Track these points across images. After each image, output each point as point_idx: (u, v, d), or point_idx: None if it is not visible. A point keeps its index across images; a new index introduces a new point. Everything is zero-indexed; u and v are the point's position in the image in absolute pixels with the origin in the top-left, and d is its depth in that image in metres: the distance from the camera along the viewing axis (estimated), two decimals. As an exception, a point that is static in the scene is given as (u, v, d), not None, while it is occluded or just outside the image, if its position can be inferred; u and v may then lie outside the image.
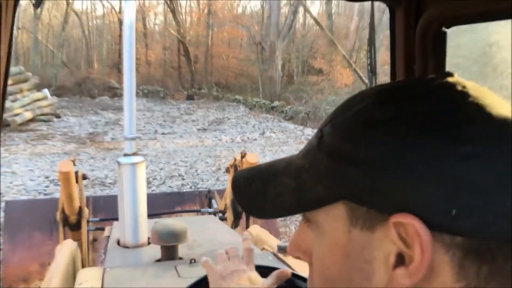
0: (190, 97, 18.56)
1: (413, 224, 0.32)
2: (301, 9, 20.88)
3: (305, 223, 0.40)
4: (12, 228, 3.05)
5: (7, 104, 9.39)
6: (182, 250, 1.84)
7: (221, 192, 3.38)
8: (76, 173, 2.67)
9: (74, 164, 2.63)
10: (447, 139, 0.32)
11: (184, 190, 5.31)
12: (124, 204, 2.09)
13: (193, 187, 6.34)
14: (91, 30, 24.62)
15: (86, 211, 2.78)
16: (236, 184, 0.44)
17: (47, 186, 6.02)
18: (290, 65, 21.16)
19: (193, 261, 1.66)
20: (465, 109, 0.33)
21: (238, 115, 14.33)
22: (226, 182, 6.84)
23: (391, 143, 0.33)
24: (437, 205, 0.31)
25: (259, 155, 8.59)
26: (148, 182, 5.76)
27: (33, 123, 10.95)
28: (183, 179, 6.75)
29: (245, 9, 26.07)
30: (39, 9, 18.56)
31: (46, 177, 6.43)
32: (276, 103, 15.82)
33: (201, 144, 9.85)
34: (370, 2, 0.92)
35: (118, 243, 2.12)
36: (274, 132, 11.43)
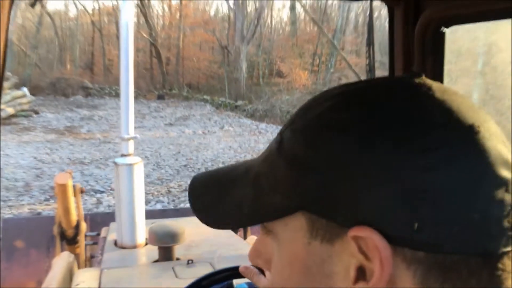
0: (160, 97, 19.39)
1: (372, 238, 0.30)
2: (268, 15, 22.50)
3: (264, 233, 0.38)
4: (9, 246, 3.03)
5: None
6: (179, 250, 1.85)
7: None
8: (74, 186, 2.61)
9: (71, 177, 2.59)
10: (409, 147, 0.30)
11: (180, 207, 5.46)
12: (121, 205, 2.05)
13: (155, 165, 7.91)
14: (64, 31, 24.67)
15: (83, 225, 2.72)
16: (192, 188, 0.42)
17: (36, 164, 7.47)
18: (258, 67, 22.62)
19: (190, 261, 1.66)
20: (430, 113, 0.31)
21: (203, 113, 15.51)
22: (183, 161, 8.41)
23: (348, 149, 0.31)
24: (398, 218, 0.29)
25: (216, 144, 10.19)
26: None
27: (15, 118, 12.16)
28: (148, 159, 8.31)
29: (217, 13, 26.28)
30: (13, 11, 19.35)
31: (34, 157, 7.92)
32: (239, 102, 16.99)
33: (167, 135, 11.31)
34: (368, 1, 0.93)
35: (115, 243, 2.11)
36: (232, 127, 12.88)
